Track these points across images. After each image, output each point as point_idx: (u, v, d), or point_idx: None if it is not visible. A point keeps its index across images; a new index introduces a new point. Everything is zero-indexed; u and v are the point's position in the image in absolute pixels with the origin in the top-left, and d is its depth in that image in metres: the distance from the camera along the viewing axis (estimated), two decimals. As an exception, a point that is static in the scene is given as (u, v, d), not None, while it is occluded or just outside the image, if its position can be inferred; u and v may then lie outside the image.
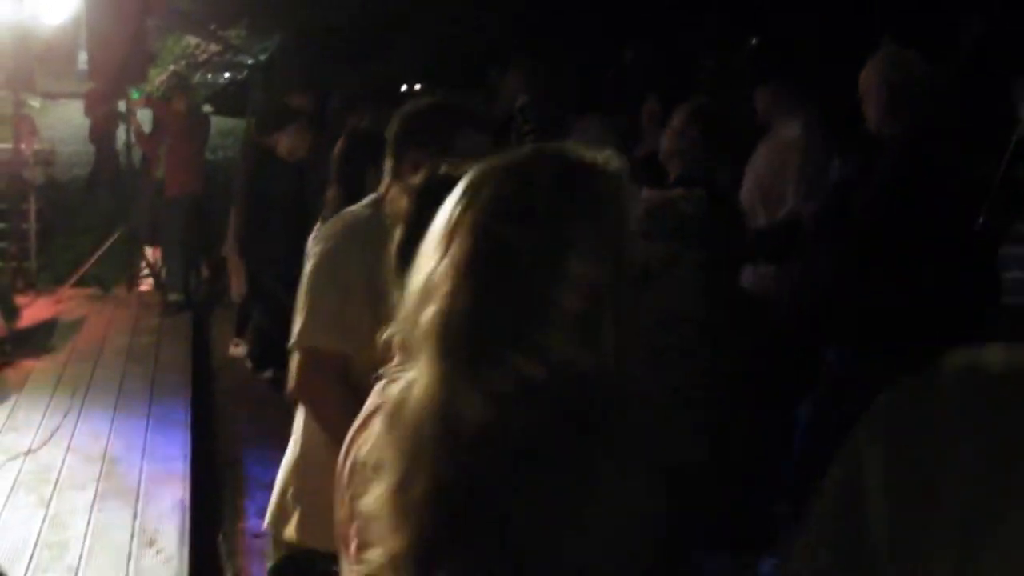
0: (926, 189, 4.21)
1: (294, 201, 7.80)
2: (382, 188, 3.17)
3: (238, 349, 8.93)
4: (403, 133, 3.08)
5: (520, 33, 15.61)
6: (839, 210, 4.91)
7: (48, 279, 10.62)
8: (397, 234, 2.14)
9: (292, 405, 3.22)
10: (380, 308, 2.70)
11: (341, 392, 2.85)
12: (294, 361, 2.99)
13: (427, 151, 2.86)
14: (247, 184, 8.77)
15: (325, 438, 2.82)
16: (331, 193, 4.78)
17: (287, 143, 8.24)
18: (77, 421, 7.06)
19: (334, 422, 2.80)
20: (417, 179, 2.21)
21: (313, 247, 3.16)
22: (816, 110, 6.01)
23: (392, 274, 2.09)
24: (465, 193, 1.41)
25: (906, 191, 4.44)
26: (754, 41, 16.51)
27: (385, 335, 1.93)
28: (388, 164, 3.11)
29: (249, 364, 8.44)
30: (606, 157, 1.44)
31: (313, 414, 3.00)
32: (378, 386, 2.09)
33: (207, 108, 19.16)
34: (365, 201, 3.22)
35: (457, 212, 1.39)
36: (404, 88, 15.82)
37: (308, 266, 3.08)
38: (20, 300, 9.32)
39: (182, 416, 7.20)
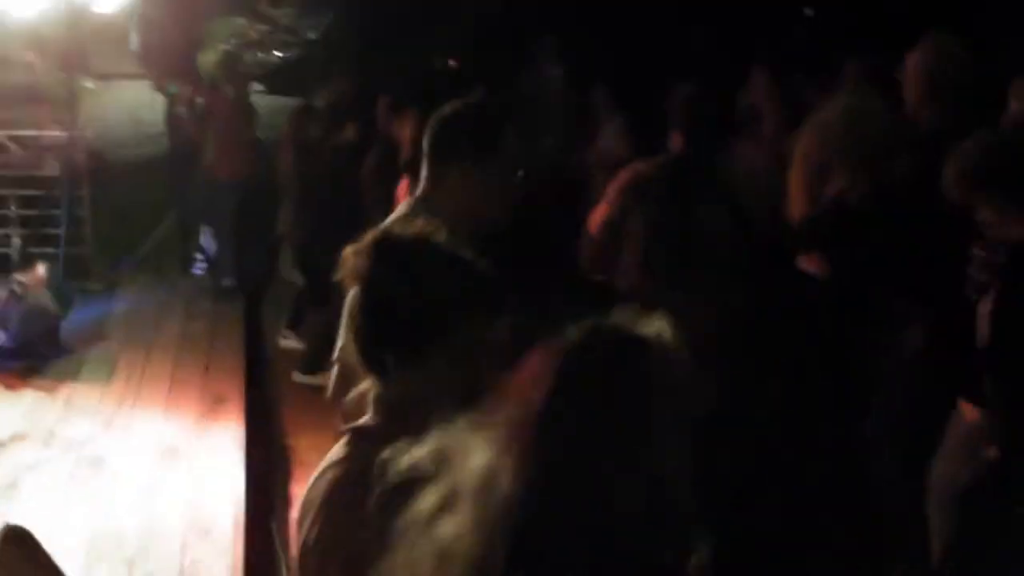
0: None
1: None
2: (419, 191, 3.21)
3: (287, 342, 8.92)
4: (443, 138, 3.12)
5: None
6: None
7: (103, 265, 10.67)
8: (353, 297, 2.14)
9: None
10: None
11: None
12: (333, 372, 3.01)
13: (469, 156, 3.07)
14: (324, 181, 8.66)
15: None
16: None
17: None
18: (132, 409, 7.10)
19: None
20: (371, 239, 2.19)
21: None
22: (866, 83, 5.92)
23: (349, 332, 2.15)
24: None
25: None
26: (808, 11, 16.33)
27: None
28: (427, 171, 3.16)
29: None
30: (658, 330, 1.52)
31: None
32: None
33: (258, 88, 19.26)
34: (403, 209, 3.18)
35: None
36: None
37: None
38: (73, 287, 9.37)
39: (236, 404, 7.20)
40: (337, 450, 2.17)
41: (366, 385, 2.15)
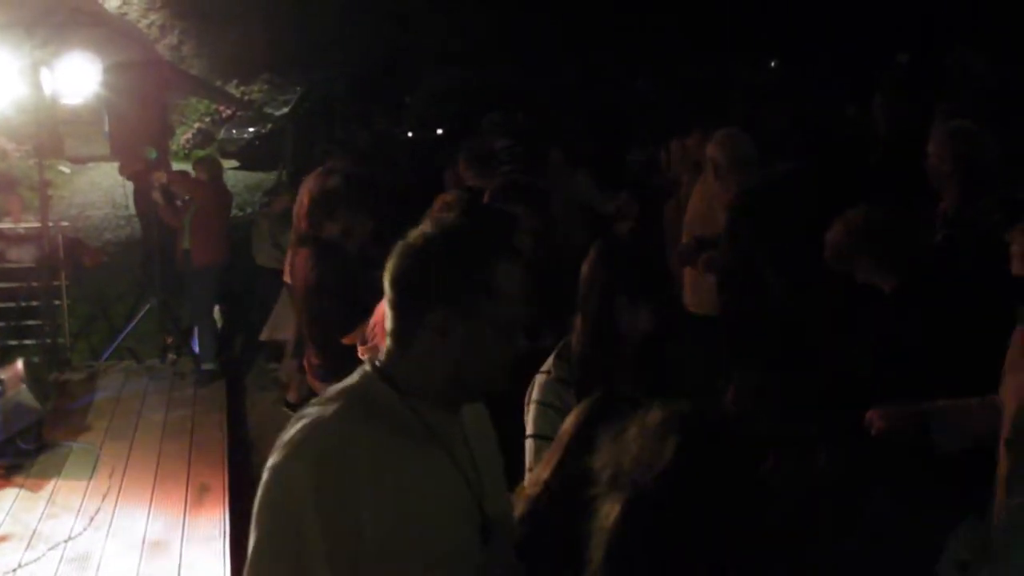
0: None
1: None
2: (375, 359, 2.29)
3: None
4: (413, 279, 2.19)
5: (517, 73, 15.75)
6: None
7: (82, 353, 10.68)
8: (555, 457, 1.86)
9: None
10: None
11: None
12: None
13: (453, 300, 2.15)
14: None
15: None
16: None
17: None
18: (116, 504, 7.07)
19: None
20: (586, 406, 1.96)
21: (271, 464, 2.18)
22: None
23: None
24: None
25: None
26: (773, 64, 16.57)
27: None
28: (391, 324, 2.24)
29: None
30: None
31: None
32: None
33: (233, 163, 19.37)
34: (334, 401, 2.23)
35: None
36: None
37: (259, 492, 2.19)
38: (54, 378, 9.36)
39: (220, 493, 7.19)
40: None
41: None
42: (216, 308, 10.46)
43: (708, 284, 6.27)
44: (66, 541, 6.51)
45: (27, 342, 10.10)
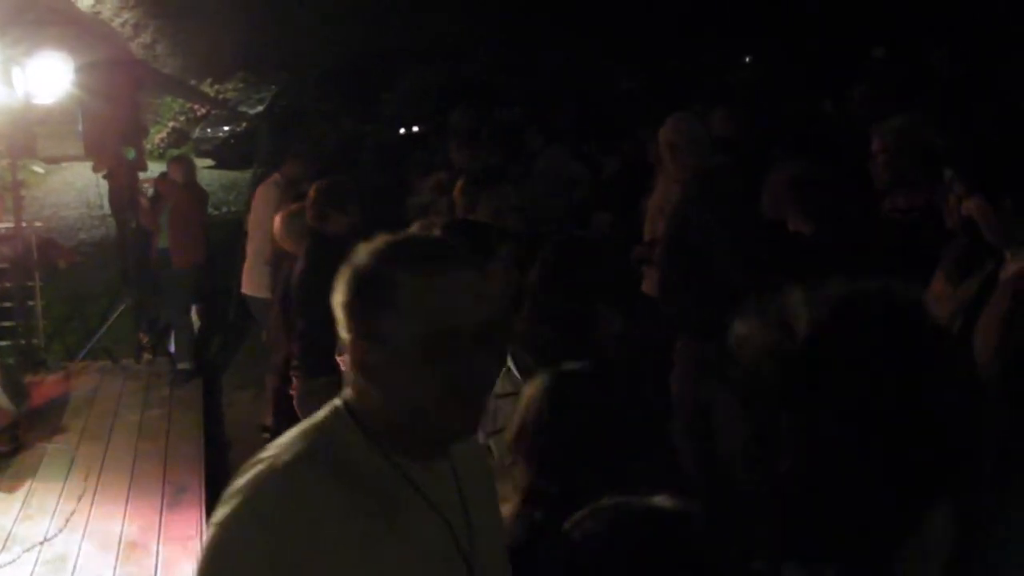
0: None
1: None
2: (343, 398, 1.97)
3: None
4: (363, 302, 1.89)
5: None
6: None
7: (57, 354, 10.61)
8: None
9: None
10: None
11: None
12: None
13: (363, 333, 1.88)
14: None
15: None
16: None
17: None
18: (92, 505, 7.02)
19: None
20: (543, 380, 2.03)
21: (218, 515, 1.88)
22: None
23: None
24: None
25: None
26: (748, 59, 16.62)
27: None
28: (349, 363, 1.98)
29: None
30: None
31: None
32: None
33: (208, 162, 19.29)
34: (295, 445, 1.90)
35: None
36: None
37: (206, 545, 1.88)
38: (29, 379, 9.29)
39: (197, 493, 7.16)
40: None
41: None
42: (193, 308, 10.41)
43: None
44: (42, 543, 6.47)
45: (1, 343, 10.02)
